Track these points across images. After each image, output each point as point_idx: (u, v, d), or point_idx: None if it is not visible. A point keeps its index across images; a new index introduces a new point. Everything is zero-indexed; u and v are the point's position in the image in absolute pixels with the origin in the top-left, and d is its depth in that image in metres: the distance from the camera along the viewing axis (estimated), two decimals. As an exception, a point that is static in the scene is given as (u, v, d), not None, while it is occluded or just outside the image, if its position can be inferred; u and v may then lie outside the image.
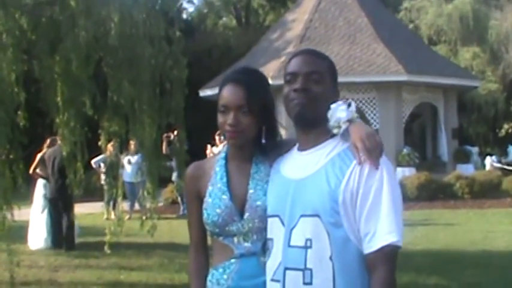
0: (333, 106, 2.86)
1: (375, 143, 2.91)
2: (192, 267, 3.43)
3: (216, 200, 3.20)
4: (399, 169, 25.32)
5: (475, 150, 31.61)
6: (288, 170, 3.00)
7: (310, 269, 2.77)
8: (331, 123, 2.89)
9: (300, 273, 2.78)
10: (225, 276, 3.22)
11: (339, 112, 2.89)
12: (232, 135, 3.18)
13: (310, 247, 2.79)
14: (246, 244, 3.18)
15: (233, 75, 3.27)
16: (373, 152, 2.89)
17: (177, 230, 13.40)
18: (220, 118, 3.19)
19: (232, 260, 3.21)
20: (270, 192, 3.08)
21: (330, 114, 2.89)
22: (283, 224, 2.90)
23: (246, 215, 3.14)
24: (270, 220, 3.01)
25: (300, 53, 3.02)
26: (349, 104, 2.93)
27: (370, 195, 2.76)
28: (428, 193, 22.46)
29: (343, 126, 2.88)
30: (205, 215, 3.22)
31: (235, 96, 3.13)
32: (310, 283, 2.76)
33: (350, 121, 2.88)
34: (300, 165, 2.94)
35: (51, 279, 10.87)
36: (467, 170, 26.36)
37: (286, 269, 2.83)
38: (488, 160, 30.59)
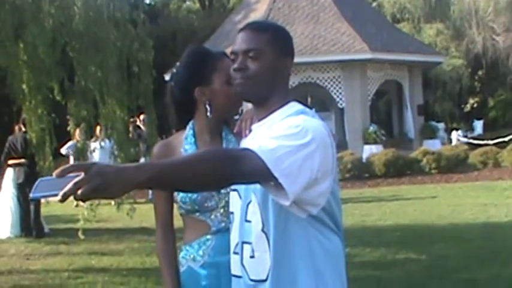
0: None
1: None
2: (161, 247, 3.40)
3: None
4: (366, 147, 25.51)
5: (441, 126, 31.89)
6: (246, 143, 2.95)
7: (252, 243, 2.78)
8: None
9: (249, 246, 2.79)
10: (200, 252, 3.24)
11: None
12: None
13: (251, 221, 2.80)
14: (223, 219, 3.20)
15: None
16: None
17: (146, 215, 13.32)
18: (231, 90, 3.08)
19: (208, 236, 3.23)
20: None
21: None
22: (240, 198, 2.88)
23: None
24: (231, 194, 2.97)
25: (241, 29, 2.89)
26: None
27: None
28: (396, 169, 22.58)
29: None
30: (181, 194, 3.20)
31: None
32: (253, 256, 2.78)
33: None
34: (252, 139, 2.88)
35: (22, 267, 10.81)
36: (433, 145, 26.53)
37: (243, 242, 2.83)
38: (455, 135, 30.84)
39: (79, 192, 2.06)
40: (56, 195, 2.07)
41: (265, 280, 2.75)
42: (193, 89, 3.28)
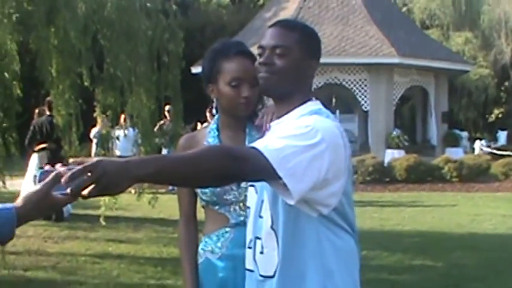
0: None
1: None
2: (184, 240, 3.45)
3: None
4: (388, 151, 25.41)
5: (464, 134, 31.70)
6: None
7: (261, 239, 2.82)
8: None
9: (260, 242, 2.83)
10: (219, 244, 3.29)
11: None
12: (248, 106, 3.25)
13: (262, 217, 2.84)
14: (241, 213, 3.24)
15: (239, 47, 3.33)
16: None
17: (165, 205, 13.40)
18: (231, 92, 3.24)
19: (227, 229, 3.28)
20: None
21: None
22: (256, 193, 2.92)
23: (243, 182, 3.14)
24: (249, 189, 3.03)
25: (271, 25, 2.92)
26: None
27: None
28: (417, 176, 22.48)
29: None
30: None
31: (250, 69, 3.12)
32: (262, 252, 2.83)
33: None
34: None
35: (40, 249, 10.90)
36: (456, 153, 26.36)
37: (256, 238, 2.87)
38: (478, 144, 30.70)
39: (86, 192, 2.11)
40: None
41: (273, 276, 2.79)
42: (207, 84, 3.35)
